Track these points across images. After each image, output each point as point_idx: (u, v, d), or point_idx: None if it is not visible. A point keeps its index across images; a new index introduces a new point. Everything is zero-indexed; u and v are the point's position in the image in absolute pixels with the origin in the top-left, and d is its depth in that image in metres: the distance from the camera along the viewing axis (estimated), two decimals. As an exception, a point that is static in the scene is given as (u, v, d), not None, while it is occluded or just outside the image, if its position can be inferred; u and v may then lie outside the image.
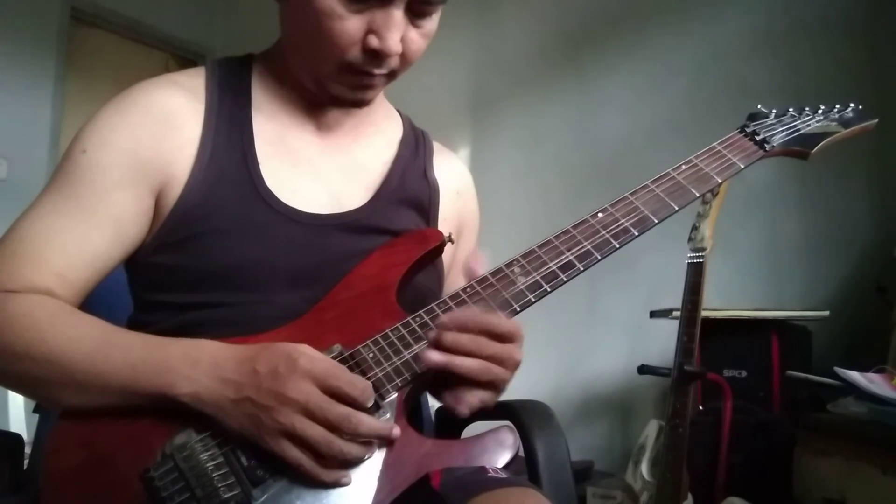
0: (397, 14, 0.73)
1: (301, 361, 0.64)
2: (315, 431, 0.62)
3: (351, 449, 0.64)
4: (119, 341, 0.70)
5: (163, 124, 0.77)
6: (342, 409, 0.63)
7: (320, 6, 0.72)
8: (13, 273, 0.72)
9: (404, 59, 0.77)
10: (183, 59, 4.10)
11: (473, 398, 0.71)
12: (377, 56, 0.74)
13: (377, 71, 0.76)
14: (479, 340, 0.70)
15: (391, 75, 0.79)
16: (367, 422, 0.64)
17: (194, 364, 0.66)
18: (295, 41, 0.81)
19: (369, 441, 0.65)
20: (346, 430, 0.63)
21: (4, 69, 3.27)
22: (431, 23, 0.77)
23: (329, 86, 0.79)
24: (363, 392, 0.64)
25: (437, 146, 0.97)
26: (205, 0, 4.17)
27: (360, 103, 0.82)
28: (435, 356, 0.69)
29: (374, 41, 0.73)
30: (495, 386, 0.72)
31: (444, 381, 0.80)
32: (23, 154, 3.29)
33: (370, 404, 0.65)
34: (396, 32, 0.73)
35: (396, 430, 0.67)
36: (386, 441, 0.67)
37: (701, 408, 1.96)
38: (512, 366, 0.72)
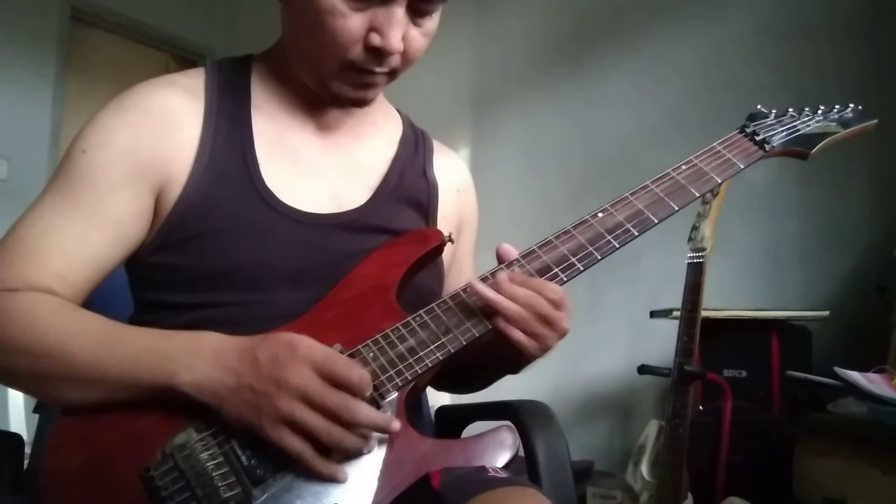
0: (399, 12, 0.73)
1: (301, 349, 0.64)
2: (315, 419, 0.62)
3: (351, 440, 0.64)
4: (121, 334, 0.71)
5: (162, 124, 0.77)
6: (340, 397, 0.63)
7: (322, 4, 0.72)
8: (14, 272, 0.72)
9: (405, 57, 0.77)
10: (183, 59, 4.10)
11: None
12: (379, 54, 0.74)
13: (378, 69, 0.77)
14: (533, 296, 0.72)
15: (392, 74, 0.79)
16: (365, 411, 0.64)
17: (195, 354, 0.66)
18: (297, 40, 0.81)
19: (368, 435, 0.65)
20: (344, 418, 0.63)
21: (4, 69, 3.27)
22: (432, 22, 0.78)
23: (331, 84, 0.79)
24: (360, 378, 0.64)
25: (437, 145, 0.97)
26: (205, 0, 4.17)
27: (362, 102, 0.82)
28: (482, 287, 0.71)
29: (375, 39, 0.73)
30: (540, 341, 0.73)
31: (445, 379, 0.80)
32: (23, 154, 3.29)
33: (368, 392, 0.65)
34: (398, 30, 0.73)
35: (396, 424, 0.66)
36: (385, 435, 0.67)
37: (701, 408, 1.96)
38: (559, 331, 0.74)
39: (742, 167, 0.86)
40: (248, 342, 0.67)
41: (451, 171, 0.95)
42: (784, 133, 0.90)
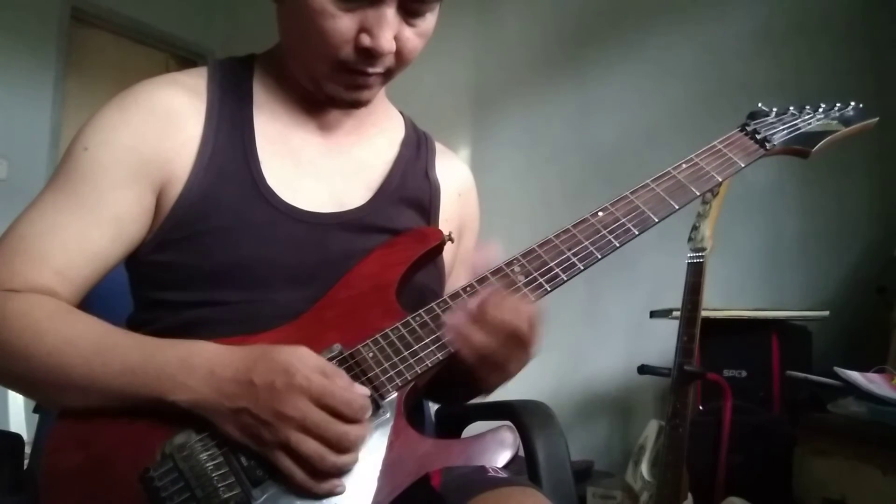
0: (389, 13, 0.72)
1: (297, 378, 0.63)
2: (310, 447, 0.62)
3: (346, 461, 0.64)
4: (116, 344, 0.70)
5: (164, 123, 0.77)
6: (338, 429, 0.63)
7: (313, 5, 0.72)
8: (14, 271, 0.72)
9: (400, 58, 0.77)
10: (183, 59, 4.10)
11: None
12: (370, 55, 0.74)
13: (371, 70, 0.76)
14: (517, 312, 0.70)
15: (387, 75, 0.79)
16: (356, 434, 0.64)
17: (191, 372, 0.66)
18: (291, 40, 0.81)
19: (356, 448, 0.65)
20: (341, 448, 0.63)
21: (4, 69, 3.28)
22: (426, 22, 0.77)
23: (325, 85, 0.79)
24: (359, 410, 0.64)
25: (439, 147, 0.96)
26: (205, 0, 4.17)
27: (357, 104, 0.82)
28: (452, 317, 0.70)
29: (365, 40, 0.73)
30: (508, 366, 0.72)
31: (444, 381, 0.80)
32: (23, 154, 3.30)
33: (366, 419, 0.65)
34: (388, 31, 0.73)
35: None
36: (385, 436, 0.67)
37: (701, 408, 1.96)
38: (531, 354, 0.72)
39: (743, 166, 0.86)
40: (243, 361, 0.65)
41: (453, 174, 0.95)
42: (785, 131, 0.90)
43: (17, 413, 1.35)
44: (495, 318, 0.69)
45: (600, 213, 0.79)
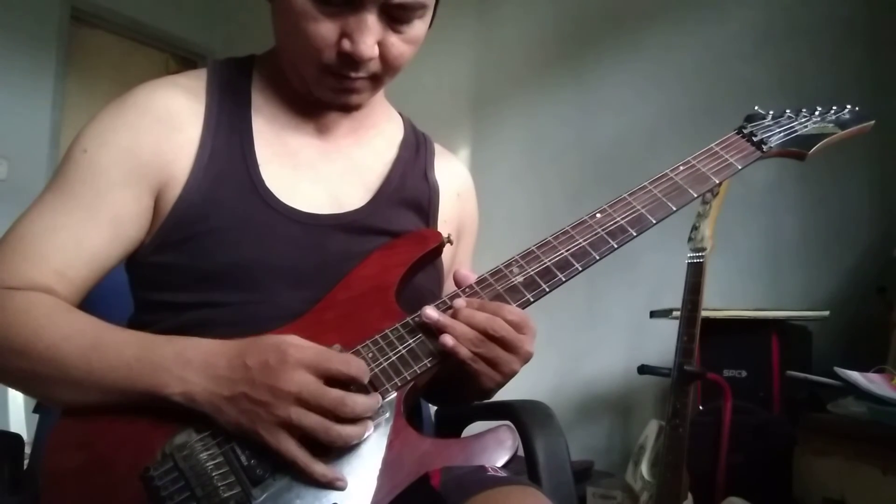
0: (370, 19, 0.72)
1: (290, 351, 0.64)
2: (312, 420, 0.62)
3: (350, 431, 0.64)
4: (113, 339, 0.70)
5: (163, 125, 0.78)
6: (336, 394, 0.63)
7: (296, 7, 0.72)
8: (13, 270, 0.72)
9: (386, 64, 0.77)
10: (183, 59, 4.11)
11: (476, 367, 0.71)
12: (351, 60, 0.74)
13: (354, 74, 0.76)
14: (491, 318, 0.70)
15: (375, 80, 0.79)
16: (362, 402, 0.65)
17: (186, 364, 0.66)
18: (282, 42, 0.81)
19: (365, 420, 0.66)
20: (343, 414, 0.63)
21: (4, 69, 3.28)
22: (415, 29, 0.76)
23: (314, 88, 0.80)
24: (358, 369, 0.65)
25: (438, 148, 0.97)
26: (205, 0, 4.18)
27: (346, 107, 0.82)
28: (434, 312, 0.70)
29: (346, 45, 0.73)
30: (499, 368, 0.72)
31: (443, 381, 0.80)
32: (23, 154, 3.30)
33: (367, 380, 0.65)
34: (369, 37, 0.72)
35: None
36: (385, 431, 0.67)
37: (701, 408, 1.96)
38: (522, 354, 0.72)
39: (739, 168, 0.86)
40: (236, 348, 0.66)
41: (452, 175, 0.95)
42: (781, 134, 0.90)
43: (17, 413, 1.35)
44: (471, 321, 0.70)
45: (598, 215, 0.80)
